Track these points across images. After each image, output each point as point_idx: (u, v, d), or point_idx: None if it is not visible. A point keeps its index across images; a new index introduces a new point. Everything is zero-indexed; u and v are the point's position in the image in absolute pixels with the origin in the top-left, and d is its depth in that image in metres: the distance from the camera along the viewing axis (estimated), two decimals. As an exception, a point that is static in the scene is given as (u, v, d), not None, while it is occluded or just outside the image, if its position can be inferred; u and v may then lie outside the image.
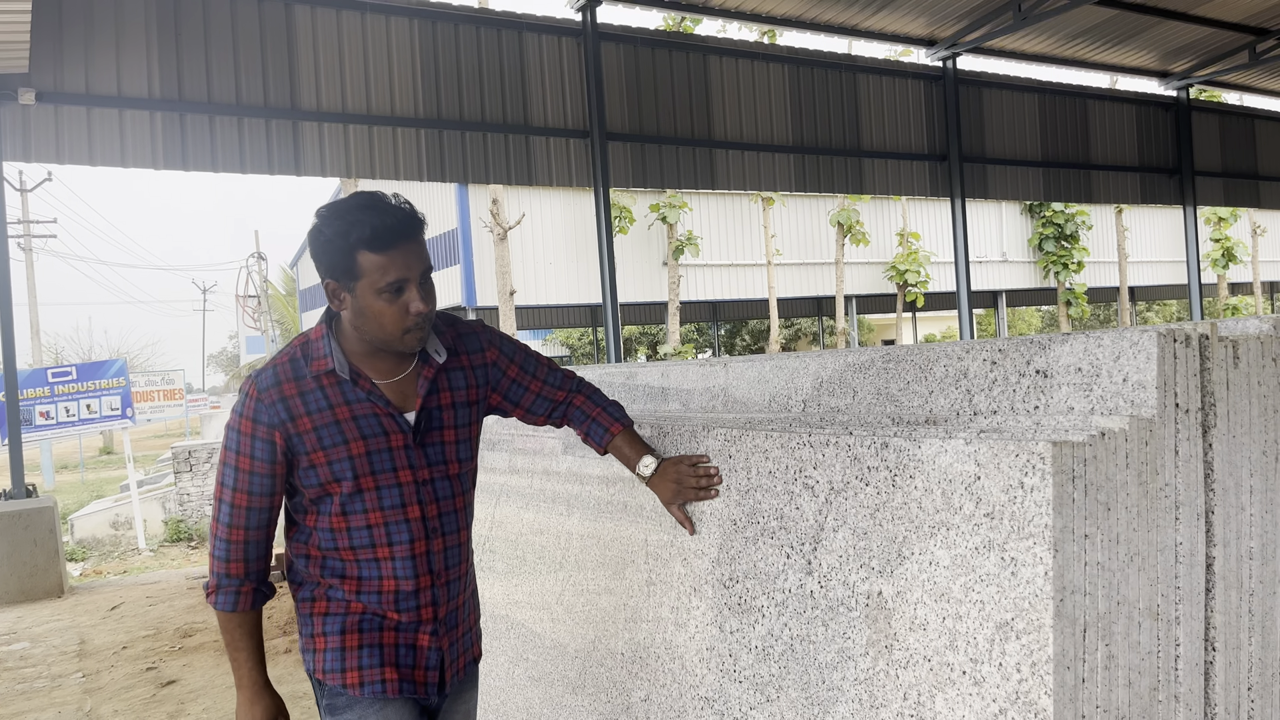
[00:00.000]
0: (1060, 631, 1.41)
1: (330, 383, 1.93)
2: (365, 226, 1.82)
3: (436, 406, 2.04)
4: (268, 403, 1.89)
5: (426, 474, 2.02)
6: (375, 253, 1.83)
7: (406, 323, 1.89)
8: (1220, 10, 13.61)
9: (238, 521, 1.94)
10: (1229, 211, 28.66)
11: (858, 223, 22.86)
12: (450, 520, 2.07)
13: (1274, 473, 1.64)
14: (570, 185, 10.80)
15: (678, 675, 2.32)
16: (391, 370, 2.00)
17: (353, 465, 1.93)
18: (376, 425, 1.96)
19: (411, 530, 2.00)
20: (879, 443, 1.74)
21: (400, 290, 1.87)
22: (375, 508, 1.97)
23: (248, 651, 2.00)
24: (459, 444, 2.09)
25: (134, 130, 8.14)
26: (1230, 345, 1.59)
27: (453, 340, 2.10)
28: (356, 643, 2.01)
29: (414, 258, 1.88)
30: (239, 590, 1.96)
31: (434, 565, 2.03)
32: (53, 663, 5.86)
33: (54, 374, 13.22)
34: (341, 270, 1.86)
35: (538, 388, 2.22)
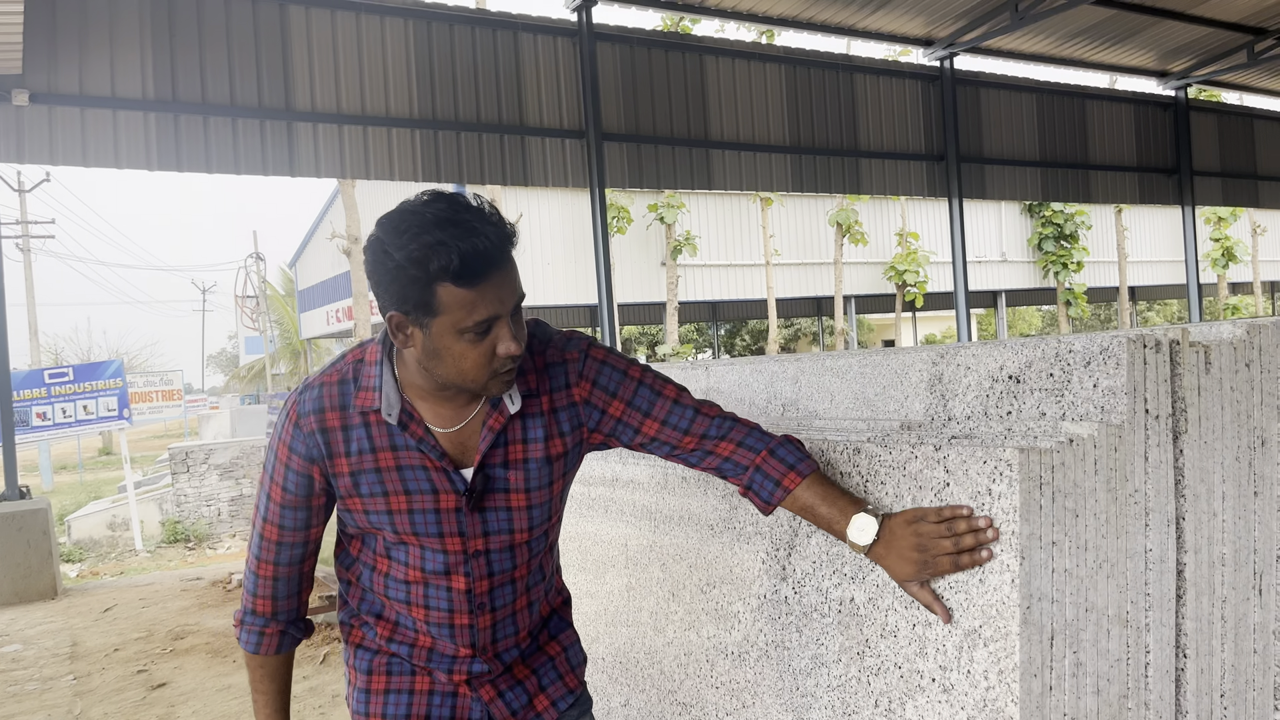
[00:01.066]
0: (1027, 639, 1.40)
1: (377, 419, 1.57)
2: (451, 253, 1.37)
3: (501, 463, 1.62)
4: (306, 431, 1.57)
5: (480, 544, 1.64)
6: (463, 287, 1.40)
7: (494, 366, 1.49)
8: (1218, 10, 13.59)
9: (267, 556, 1.67)
10: (1229, 211, 28.63)
11: (856, 223, 22.85)
12: (505, 593, 1.69)
13: (1246, 478, 1.63)
14: (566, 186, 10.79)
15: (656, 680, 2.31)
16: (452, 416, 1.59)
17: (391, 520, 1.61)
18: (424, 480, 1.59)
19: (453, 601, 1.65)
20: (851, 448, 1.74)
21: (488, 329, 1.45)
22: (416, 566, 1.64)
23: (267, 696, 1.76)
24: (530, 509, 1.66)
25: (128, 131, 8.14)
26: (1202, 351, 1.58)
27: (535, 379, 1.64)
28: (383, 686, 1.74)
29: (507, 289, 1.45)
30: (263, 631, 1.72)
31: (477, 640, 1.69)
32: (44, 665, 5.86)
33: (51, 375, 13.23)
34: (415, 303, 1.42)
35: (653, 430, 1.68)
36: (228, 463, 15.26)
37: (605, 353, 1.69)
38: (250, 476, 15.32)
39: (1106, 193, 15.54)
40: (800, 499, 1.62)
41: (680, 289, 21.67)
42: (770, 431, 1.70)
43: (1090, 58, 14.68)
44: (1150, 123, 15.96)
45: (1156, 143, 16.02)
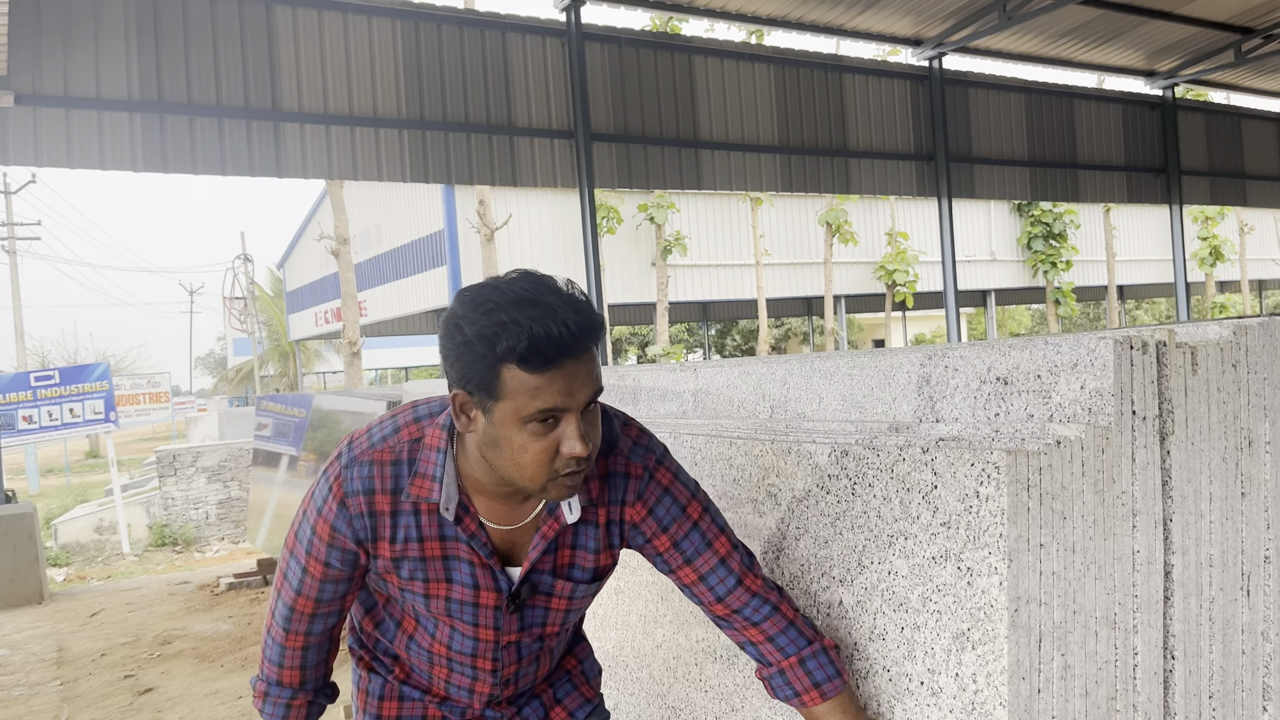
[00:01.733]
0: (1015, 642, 1.40)
1: (429, 512, 1.49)
2: (522, 334, 1.28)
3: (550, 570, 1.57)
4: (354, 512, 1.47)
5: (514, 637, 1.61)
6: (529, 371, 1.30)
7: (556, 466, 1.37)
8: (1205, 9, 13.65)
9: (298, 628, 1.58)
10: (1217, 210, 28.79)
11: (846, 223, 22.89)
12: (528, 671, 1.69)
13: (1234, 479, 1.63)
14: (556, 186, 10.78)
15: (645, 684, 2.30)
16: (507, 516, 1.52)
17: (428, 605, 1.56)
18: (469, 575, 1.53)
19: (477, 675, 1.64)
20: (839, 451, 1.73)
21: (554, 423, 1.34)
22: (444, 642, 1.61)
23: None
24: (568, 613, 1.64)
25: (113, 132, 8.09)
26: (1189, 352, 1.57)
27: (597, 489, 1.56)
28: (395, 713, 1.72)
29: (580, 383, 1.33)
30: (290, 704, 1.63)
31: (495, 699, 1.70)
32: (31, 670, 5.82)
33: (37, 378, 13.14)
34: (479, 383, 1.33)
35: (688, 580, 1.61)
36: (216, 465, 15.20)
37: (671, 478, 1.60)
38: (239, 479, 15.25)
39: (1095, 192, 15.59)
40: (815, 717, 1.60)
41: (670, 289, 21.67)
42: (808, 628, 1.63)
43: (1078, 57, 14.74)
44: (1138, 122, 16.02)
45: (1144, 142, 16.09)
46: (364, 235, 26.17)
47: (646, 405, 2.89)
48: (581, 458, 1.36)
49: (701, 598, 1.62)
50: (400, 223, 23.57)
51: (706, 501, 1.63)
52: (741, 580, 1.61)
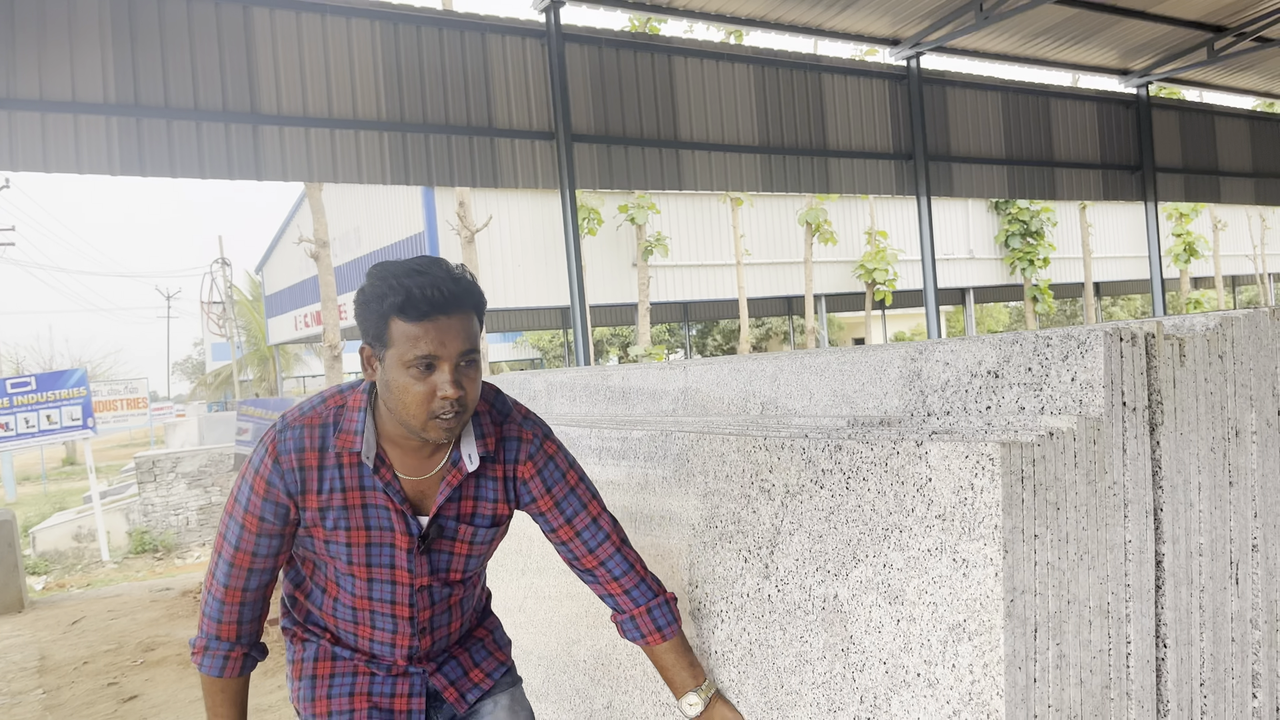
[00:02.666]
0: (1011, 632, 1.41)
1: (351, 462, 1.74)
2: (401, 291, 1.61)
3: (454, 516, 1.83)
4: (286, 468, 1.72)
5: (425, 581, 1.84)
6: (408, 321, 1.62)
7: (432, 407, 1.64)
8: (1178, 8, 13.80)
9: (236, 583, 1.79)
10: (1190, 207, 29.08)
11: (826, 222, 22.96)
12: (441, 620, 1.92)
13: (1222, 469, 1.65)
14: (537, 187, 10.76)
15: (640, 682, 2.31)
16: (417, 466, 1.79)
17: (349, 554, 1.78)
18: (385, 520, 1.77)
19: (397, 625, 1.87)
20: (833, 445, 1.74)
21: (429, 369, 1.63)
22: (364, 595, 1.83)
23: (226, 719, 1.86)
24: (470, 558, 1.89)
25: (89, 136, 8.01)
26: (1176, 343, 1.59)
27: (496, 444, 1.85)
28: (329, 670, 1.91)
29: (452, 335, 1.64)
30: (228, 655, 1.82)
31: (415, 653, 1.91)
32: (12, 679, 5.76)
33: (13, 384, 13.00)
34: (373, 335, 1.66)
35: (566, 536, 1.92)
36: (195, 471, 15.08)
37: (555, 449, 1.92)
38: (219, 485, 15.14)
39: (1071, 190, 15.72)
40: (655, 655, 1.97)
41: (652, 290, 21.68)
42: (655, 584, 1.97)
43: (1054, 56, 14.86)
44: (1113, 120, 16.17)
45: (1119, 140, 16.24)
46: (343, 238, 26.03)
47: (637, 404, 2.89)
48: (453, 399, 1.64)
49: (576, 551, 1.93)
50: (380, 225, 23.47)
51: (583, 473, 1.96)
52: (609, 537, 1.94)
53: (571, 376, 3.36)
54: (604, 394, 3.11)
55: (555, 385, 3.44)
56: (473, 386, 1.69)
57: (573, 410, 3.26)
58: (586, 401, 3.18)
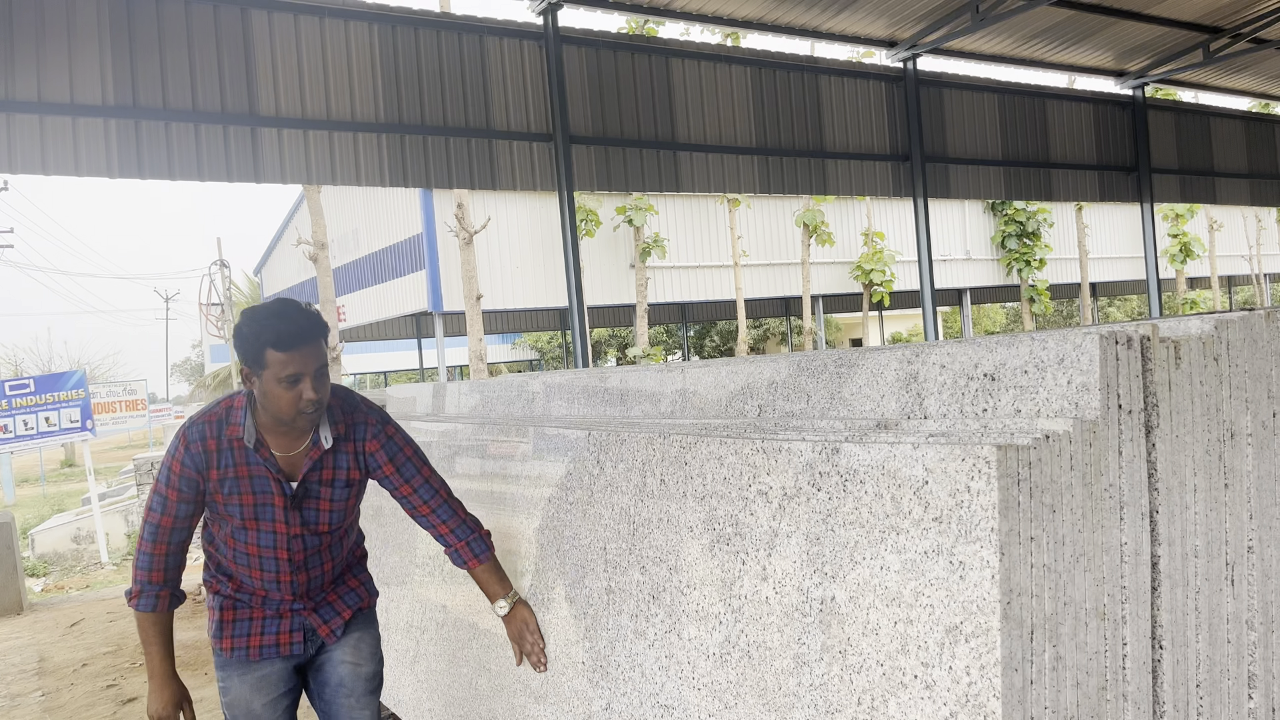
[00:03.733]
0: (1008, 634, 1.42)
1: (239, 446, 2.43)
2: (272, 331, 2.28)
3: (316, 481, 2.51)
4: (194, 452, 2.42)
5: (298, 530, 2.50)
6: (279, 351, 2.29)
7: (300, 406, 2.35)
8: (1174, 9, 13.82)
9: (161, 539, 2.44)
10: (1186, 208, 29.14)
11: (823, 223, 22.98)
12: (315, 560, 2.58)
13: (1217, 471, 1.66)
14: (535, 189, 10.76)
15: (638, 683, 2.31)
16: (289, 446, 2.47)
17: (241, 511, 2.45)
18: (266, 486, 2.45)
19: (279, 566, 2.52)
20: (830, 448, 1.75)
21: (296, 382, 2.32)
22: (254, 543, 2.49)
23: (159, 645, 2.48)
24: (332, 513, 2.55)
25: (88, 138, 8.01)
26: (1172, 346, 1.60)
27: (346, 428, 2.54)
28: (232, 617, 2.58)
29: (310, 358, 2.33)
30: (158, 595, 2.45)
31: (297, 589, 2.57)
32: (11, 681, 5.75)
33: (11, 387, 12.98)
34: (252, 361, 2.33)
35: (407, 492, 2.62)
36: (194, 473, 15.04)
37: (395, 430, 2.62)
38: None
39: (1067, 191, 15.75)
40: (475, 575, 2.70)
41: (649, 291, 21.69)
42: (472, 522, 2.68)
43: (1050, 58, 14.88)
44: (1109, 121, 16.19)
45: (1115, 141, 16.26)
46: (342, 240, 26.02)
47: (634, 406, 2.90)
48: (314, 400, 2.35)
49: (414, 502, 2.63)
50: (378, 227, 23.46)
51: (416, 446, 2.66)
52: (437, 493, 2.65)
53: (569, 378, 3.36)
54: (602, 396, 3.11)
55: (553, 387, 3.45)
56: (325, 390, 2.39)
57: (571, 412, 3.27)
58: (585, 404, 3.19)
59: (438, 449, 3.70)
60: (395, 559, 3.99)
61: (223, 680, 2.60)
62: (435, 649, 3.50)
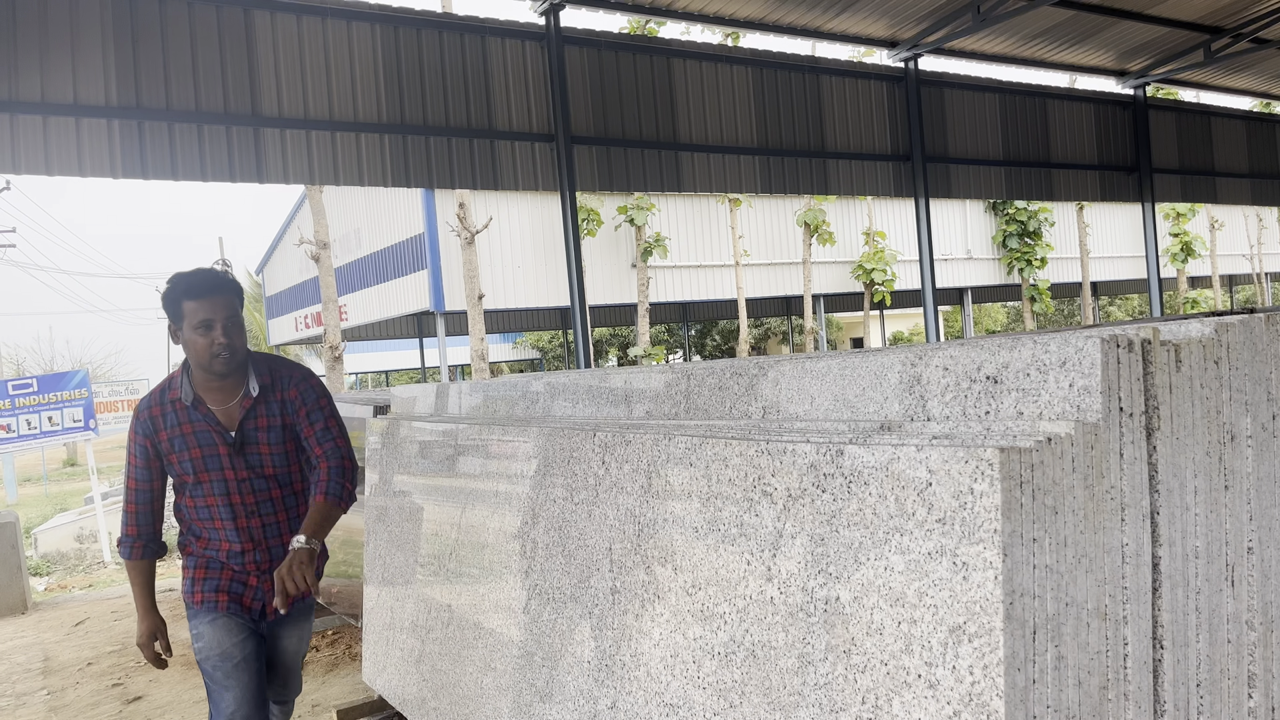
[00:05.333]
0: (1010, 634, 1.44)
1: (181, 407, 2.88)
2: (185, 283, 2.79)
3: (253, 427, 2.94)
4: (142, 419, 2.89)
5: (245, 474, 2.93)
6: (191, 300, 2.77)
7: (213, 350, 2.79)
8: (1176, 9, 13.83)
9: (130, 499, 2.94)
10: (1187, 207, 29.13)
11: (824, 223, 23.00)
12: (266, 505, 2.99)
13: (1217, 473, 1.68)
14: (537, 189, 10.78)
15: (643, 683, 2.33)
16: (223, 400, 2.92)
17: (193, 465, 2.89)
18: (209, 438, 2.89)
19: (234, 511, 2.94)
20: (834, 450, 1.76)
21: (209, 328, 2.77)
22: (210, 494, 2.92)
23: (141, 586, 2.96)
24: (272, 455, 2.98)
25: (91, 139, 8.03)
26: (1172, 349, 1.62)
27: (271, 380, 2.97)
28: (204, 575, 2.99)
29: (220, 307, 2.79)
30: (133, 545, 2.95)
31: (254, 536, 2.98)
32: (16, 680, 5.78)
33: (14, 386, 13.01)
34: (174, 314, 2.80)
35: (309, 434, 2.99)
36: (196, 472, 15.04)
37: (316, 382, 3.05)
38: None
39: (1069, 190, 15.76)
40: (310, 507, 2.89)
41: (651, 290, 21.70)
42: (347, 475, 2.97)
43: (1051, 58, 14.89)
44: (1110, 121, 16.21)
45: (1116, 141, 16.28)
46: (344, 239, 26.04)
47: (638, 406, 2.92)
48: (224, 344, 2.80)
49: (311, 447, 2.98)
50: (380, 227, 23.48)
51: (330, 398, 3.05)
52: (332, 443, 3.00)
53: (573, 379, 3.38)
54: (606, 396, 3.13)
55: (556, 387, 3.46)
56: (238, 338, 2.84)
57: (574, 412, 3.28)
58: (588, 404, 3.21)
59: (440, 449, 3.72)
60: (400, 559, 4.01)
61: (195, 628, 2.96)
62: (440, 648, 3.52)
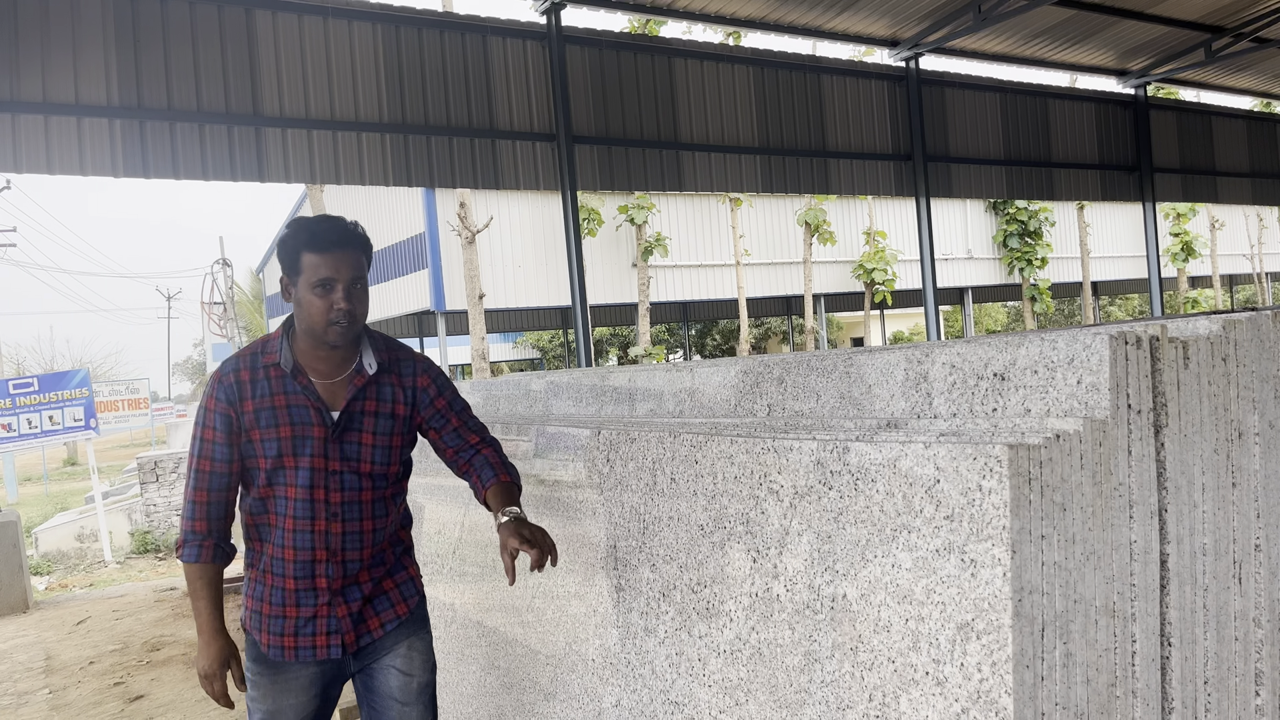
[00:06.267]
0: (1019, 631, 1.43)
1: (276, 375, 2.32)
2: (308, 232, 2.27)
3: (360, 411, 2.37)
4: (227, 384, 2.31)
5: (338, 465, 2.34)
6: (313, 253, 2.25)
7: (330, 316, 2.26)
8: (1176, 9, 13.83)
9: (202, 484, 2.32)
10: (1188, 206, 29.13)
11: (825, 222, 23.00)
12: (352, 509, 2.37)
13: (1225, 470, 1.68)
14: (538, 188, 10.79)
15: (648, 680, 2.33)
16: (329, 373, 2.36)
17: (279, 444, 2.30)
18: (305, 415, 2.32)
19: (314, 510, 2.33)
20: (841, 447, 1.76)
21: (329, 289, 2.26)
22: (292, 484, 2.32)
23: (207, 600, 2.34)
24: (375, 448, 2.40)
25: (93, 138, 8.03)
26: (1180, 346, 1.62)
27: (388, 360, 2.43)
28: (268, 611, 2.38)
29: (345, 264, 2.27)
30: (201, 544, 2.32)
31: (330, 544, 2.36)
32: (19, 679, 5.78)
33: (15, 385, 13.02)
34: (290, 266, 2.29)
35: (457, 424, 2.51)
36: (197, 472, 15.03)
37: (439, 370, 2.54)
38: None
39: (1069, 190, 15.76)
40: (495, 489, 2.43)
41: (651, 290, 21.70)
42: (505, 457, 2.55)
43: (1052, 57, 14.89)
44: (1111, 121, 16.21)
45: (1117, 140, 16.27)
46: (343, 239, 26.00)
47: (641, 405, 2.92)
48: (345, 310, 2.27)
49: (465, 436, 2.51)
50: (381, 226, 23.48)
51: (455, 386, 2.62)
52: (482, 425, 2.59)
53: (575, 377, 3.38)
54: (609, 395, 3.13)
55: (558, 386, 3.46)
56: (361, 305, 2.32)
57: (576, 411, 3.28)
58: (590, 402, 3.21)
59: (445, 448, 3.72)
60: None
61: (251, 669, 2.42)
62: (443, 646, 3.52)
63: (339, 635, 2.39)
